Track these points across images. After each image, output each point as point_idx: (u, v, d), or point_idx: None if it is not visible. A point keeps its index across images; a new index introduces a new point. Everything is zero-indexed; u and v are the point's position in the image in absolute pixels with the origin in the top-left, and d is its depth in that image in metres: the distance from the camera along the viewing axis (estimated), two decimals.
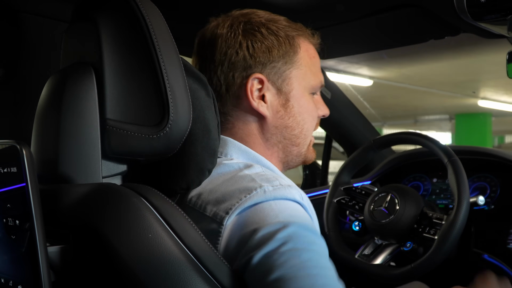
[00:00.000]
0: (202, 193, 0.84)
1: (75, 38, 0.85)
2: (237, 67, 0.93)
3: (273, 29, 0.94)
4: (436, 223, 1.29)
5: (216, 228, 0.78)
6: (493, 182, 1.50)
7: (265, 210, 0.77)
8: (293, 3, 1.22)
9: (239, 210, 0.78)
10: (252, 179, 0.82)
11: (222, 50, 0.93)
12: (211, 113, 0.85)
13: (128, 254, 0.67)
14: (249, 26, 0.94)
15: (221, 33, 0.94)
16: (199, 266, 0.69)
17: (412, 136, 1.44)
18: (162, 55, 0.76)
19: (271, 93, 0.95)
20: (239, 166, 0.87)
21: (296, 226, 0.76)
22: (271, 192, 0.79)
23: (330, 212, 1.52)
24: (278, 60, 0.94)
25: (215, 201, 0.81)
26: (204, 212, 0.81)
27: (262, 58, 0.93)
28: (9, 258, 0.69)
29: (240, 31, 0.93)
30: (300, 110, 0.97)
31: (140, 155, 0.78)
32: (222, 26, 0.95)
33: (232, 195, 0.79)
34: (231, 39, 0.93)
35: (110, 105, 0.76)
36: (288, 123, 0.97)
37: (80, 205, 0.71)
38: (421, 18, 1.29)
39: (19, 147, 0.63)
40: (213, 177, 0.86)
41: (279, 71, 0.94)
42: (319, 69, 1.02)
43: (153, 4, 0.80)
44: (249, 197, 0.78)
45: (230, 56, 0.93)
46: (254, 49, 0.93)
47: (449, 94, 9.46)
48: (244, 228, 0.76)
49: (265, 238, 0.74)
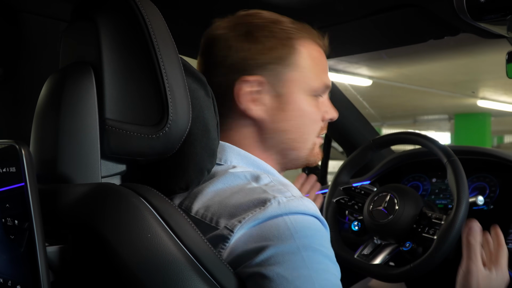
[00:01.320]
0: (211, 206, 0.81)
1: (74, 38, 0.84)
2: (235, 68, 0.92)
3: (274, 30, 0.92)
4: (435, 223, 1.29)
5: (225, 235, 0.75)
6: (493, 182, 1.50)
7: (280, 227, 0.74)
8: (293, 3, 1.22)
9: (253, 223, 0.75)
10: (264, 190, 0.79)
11: (221, 51, 0.93)
12: (211, 113, 0.85)
13: (127, 254, 0.67)
14: (249, 28, 0.92)
15: (221, 34, 0.94)
16: (198, 266, 0.69)
17: (412, 136, 1.44)
18: (161, 54, 0.76)
19: (269, 96, 0.93)
20: (246, 177, 0.84)
21: (311, 251, 0.73)
22: (285, 204, 0.76)
23: (329, 212, 1.52)
24: (276, 62, 0.92)
25: (229, 214, 0.78)
26: (217, 226, 0.77)
27: (260, 60, 0.91)
28: (8, 258, 0.69)
29: (239, 32, 0.92)
30: (299, 113, 0.95)
31: (139, 155, 0.78)
32: (224, 26, 0.94)
33: (245, 207, 0.77)
34: (231, 40, 0.92)
35: (109, 104, 0.76)
36: (285, 127, 0.94)
37: (79, 205, 0.71)
38: (420, 18, 1.29)
39: (18, 147, 0.63)
40: (220, 189, 0.83)
41: (277, 74, 0.92)
42: (324, 71, 0.99)
43: (152, 4, 0.80)
44: (264, 208, 0.75)
45: (229, 58, 0.92)
46: (251, 51, 0.91)
47: (448, 94, 9.47)
48: (256, 242, 0.74)
49: (277, 257, 0.71)
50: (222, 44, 0.93)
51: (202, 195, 0.83)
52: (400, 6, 1.25)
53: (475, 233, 0.96)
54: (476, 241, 0.95)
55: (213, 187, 0.84)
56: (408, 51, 5.14)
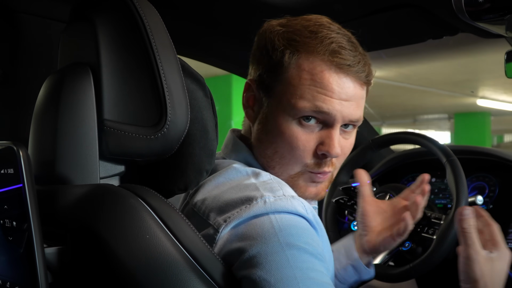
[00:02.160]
0: (207, 198, 0.83)
1: (73, 38, 0.84)
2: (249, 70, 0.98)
3: (284, 37, 0.90)
4: (435, 223, 1.29)
5: (212, 235, 0.77)
6: (492, 181, 1.50)
7: (264, 225, 0.74)
8: (291, 3, 1.22)
9: (237, 221, 0.75)
10: (256, 187, 0.79)
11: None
12: (209, 114, 0.85)
13: (125, 255, 0.67)
14: (265, 34, 0.94)
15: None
16: (196, 267, 0.69)
17: (411, 136, 1.44)
18: (159, 55, 0.76)
19: (258, 103, 0.94)
20: (247, 172, 0.85)
21: (295, 249, 0.72)
22: (271, 204, 0.76)
23: (328, 212, 1.52)
24: (266, 70, 0.92)
25: (218, 210, 0.79)
26: (208, 220, 0.79)
27: (255, 65, 0.95)
28: (7, 260, 0.69)
29: (259, 36, 0.96)
30: (273, 130, 0.90)
31: (138, 156, 0.78)
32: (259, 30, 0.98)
33: (233, 204, 0.78)
34: (255, 43, 0.97)
35: (108, 105, 0.76)
36: (262, 138, 0.93)
37: (77, 206, 0.71)
38: (419, 18, 1.29)
39: (16, 148, 0.63)
40: (220, 182, 0.84)
41: (265, 82, 0.92)
42: (322, 92, 0.86)
43: (150, 4, 0.80)
44: (249, 207, 0.76)
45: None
46: (252, 55, 0.96)
47: (448, 93, 9.47)
48: (240, 241, 0.74)
49: (260, 257, 0.70)
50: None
51: (204, 187, 0.86)
52: (399, 6, 1.25)
53: (467, 218, 0.95)
54: (470, 225, 0.95)
55: (215, 180, 0.86)
56: (407, 50, 5.14)
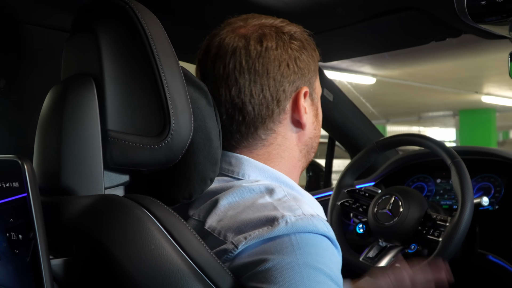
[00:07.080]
0: (222, 219, 0.80)
1: (75, 49, 0.85)
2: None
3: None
4: (440, 225, 1.29)
5: (230, 250, 0.75)
6: (497, 182, 1.50)
7: (284, 243, 0.73)
8: (294, 8, 1.21)
9: (258, 240, 0.74)
10: (274, 207, 0.77)
11: None
12: (212, 122, 0.84)
13: (131, 265, 0.67)
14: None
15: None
16: (202, 277, 0.69)
17: (415, 138, 1.44)
18: (162, 65, 0.76)
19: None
20: (260, 189, 0.82)
21: (312, 269, 0.71)
22: (293, 224, 0.74)
23: (334, 214, 1.52)
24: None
25: (237, 230, 0.77)
26: (225, 240, 0.77)
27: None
28: (13, 272, 0.69)
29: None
30: (320, 118, 0.99)
31: (142, 166, 0.78)
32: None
33: (253, 225, 0.76)
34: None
35: (111, 116, 0.76)
36: (318, 133, 0.98)
37: (83, 217, 0.71)
38: (422, 20, 1.28)
39: (21, 162, 0.63)
40: (233, 202, 0.82)
41: (311, 81, 0.94)
42: None
43: (152, 14, 0.80)
44: (272, 228, 0.74)
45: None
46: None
47: (452, 90, 9.44)
48: (257, 255, 0.73)
49: (275, 271, 0.70)
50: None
51: (217, 208, 0.82)
52: (401, 9, 1.25)
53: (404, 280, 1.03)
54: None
55: (227, 200, 0.82)
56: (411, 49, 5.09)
